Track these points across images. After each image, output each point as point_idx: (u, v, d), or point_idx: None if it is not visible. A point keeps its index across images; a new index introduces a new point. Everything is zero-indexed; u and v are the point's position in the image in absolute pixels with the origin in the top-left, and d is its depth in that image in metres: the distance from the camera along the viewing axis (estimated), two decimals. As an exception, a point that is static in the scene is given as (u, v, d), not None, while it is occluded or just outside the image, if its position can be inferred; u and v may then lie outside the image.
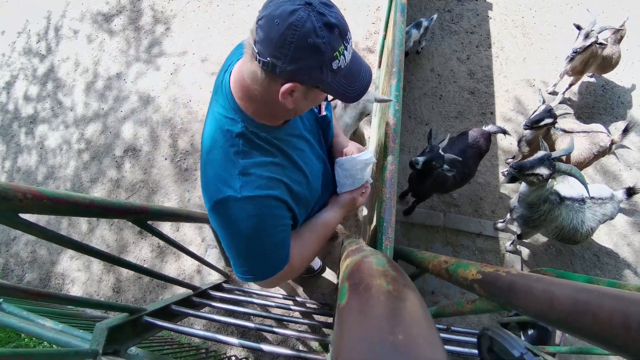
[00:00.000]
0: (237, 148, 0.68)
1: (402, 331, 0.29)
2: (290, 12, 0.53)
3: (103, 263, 2.20)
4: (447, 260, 0.89)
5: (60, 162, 2.64)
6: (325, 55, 0.56)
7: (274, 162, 0.72)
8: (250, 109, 0.68)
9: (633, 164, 2.66)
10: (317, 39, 0.54)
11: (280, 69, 0.57)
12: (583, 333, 0.52)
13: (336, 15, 0.57)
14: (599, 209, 1.85)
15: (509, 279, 0.68)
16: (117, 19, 3.19)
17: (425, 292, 2.11)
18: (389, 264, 0.46)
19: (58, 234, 0.86)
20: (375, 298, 0.35)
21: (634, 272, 2.30)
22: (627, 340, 0.45)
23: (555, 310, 0.56)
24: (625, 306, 0.46)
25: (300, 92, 0.62)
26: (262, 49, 0.56)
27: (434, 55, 3.02)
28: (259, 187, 0.68)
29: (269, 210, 0.70)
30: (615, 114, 2.84)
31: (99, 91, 2.87)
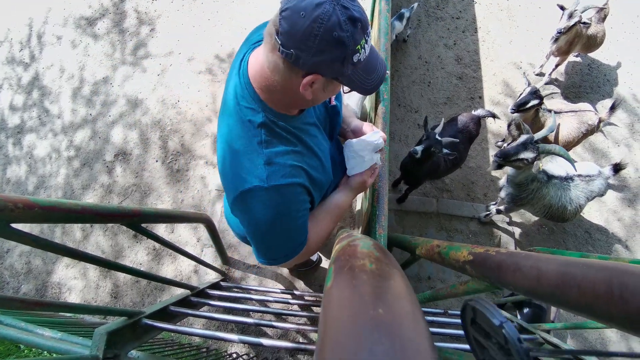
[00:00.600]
0: (259, 138, 0.69)
1: (383, 306, 0.29)
2: (316, 4, 0.54)
3: (99, 269, 2.18)
4: (439, 244, 0.90)
5: (51, 170, 2.61)
6: (349, 48, 0.57)
7: (294, 150, 0.73)
8: (269, 98, 0.69)
9: (621, 140, 2.69)
10: (342, 33, 0.55)
11: (303, 61, 0.58)
12: (570, 305, 0.53)
13: (359, 10, 0.58)
14: (586, 186, 1.87)
15: (498, 258, 0.69)
16: (101, 23, 3.13)
17: (421, 278, 2.14)
18: (374, 246, 0.46)
19: (52, 242, 0.86)
20: (359, 277, 0.35)
21: (625, 247, 2.35)
22: (610, 309, 0.46)
23: (542, 285, 0.57)
24: (608, 275, 0.47)
25: (320, 84, 0.64)
26: (286, 40, 0.57)
27: (421, 42, 3.01)
28: (284, 176, 0.70)
29: (294, 197, 0.72)
30: (601, 92, 2.87)
31: (86, 97, 2.82)
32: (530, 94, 1.98)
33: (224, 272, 1.98)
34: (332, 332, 0.29)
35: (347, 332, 0.28)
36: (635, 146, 2.67)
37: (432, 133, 1.59)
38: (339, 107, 0.98)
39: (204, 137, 2.58)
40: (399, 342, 0.26)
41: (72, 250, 0.94)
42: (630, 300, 0.44)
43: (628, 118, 2.78)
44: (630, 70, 2.97)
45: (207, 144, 2.55)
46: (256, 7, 3.12)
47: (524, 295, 1.02)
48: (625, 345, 2.05)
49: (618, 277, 0.46)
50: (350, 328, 0.28)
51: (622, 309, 0.44)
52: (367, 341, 0.25)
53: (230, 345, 1.82)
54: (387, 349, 0.24)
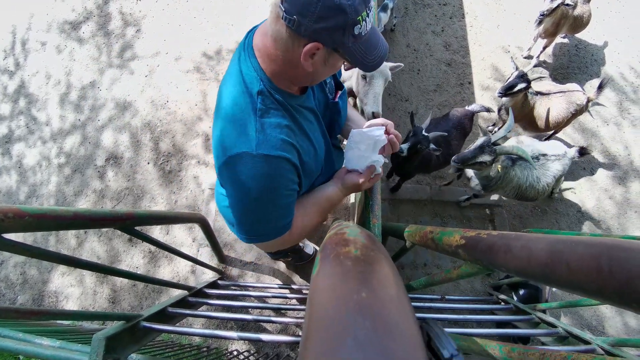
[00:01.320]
0: (255, 105, 0.69)
1: (367, 291, 0.29)
2: None
3: (96, 276, 2.17)
4: (432, 230, 0.90)
5: (41, 179, 2.57)
6: (349, 17, 0.58)
7: (288, 125, 0.72)
8: (270, 70, 0.69)
9: (609, 119, 2.72)
10: (343, 0, 0.56)
11: (305, 27, 0.58)
12: (561, 283, 0.54)
13: None
14: (552, 165, 1.91)
15: (490, 240, 0.69)
16: (85, 26, 3.06)
17: (417, 265, 2.16)
18: (361, 233, 0.46)
19: (46, 251, 0.85)
20: (344, 264, 0.35)
21: (617, 224, 2.39)
22: (600, 284, 0.46)
23: (533, 265, 0.57)
24: (596, 251, 0.48)
25: (321, 55, 0.64)
26: (289, 6, 0.57)
27: (409, 30, 2.99)
28: (275, 147, 0.68)
29: (281, 171, 0.71)
30: (589, 72, 2.89)
31: (73, 102, 2.78)
32: (517, 78, 1.98)
33: (221, 270, 1.98)
34: (318, 318, 0.29)
35: (332, 317, 0.27)
36: (624, 124, 2.69)
37: (419, 128, 1.56)
38: (341, 106, 0.96)
39: (194, 136, 2.55)
40: (382, 324, 0.26)
41: (66, 257, 0.93)
42: (619, 275, 0.44)
43: (616, 97, 2.80)
44: (617, 49, 2.98)
45: (198, 143, 2.52)
46: (242, 3, 3.07)
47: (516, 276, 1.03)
48: (620, 320, 2.09)
49: (606, 252, 0.46)
50: (334, 314, 0.28)
51: (611, 283, 0.44)
52: (351, 325, 0.25)
53: (230, 343, 1.82)
54: (370, 332, 0.24)
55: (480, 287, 2.13)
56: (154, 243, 1.24)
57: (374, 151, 0.87)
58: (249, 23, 2.95)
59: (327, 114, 0.93)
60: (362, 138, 0.88)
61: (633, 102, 2.77)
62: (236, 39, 2.90)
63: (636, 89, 2.82)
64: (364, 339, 0.24)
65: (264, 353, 1.68)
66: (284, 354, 1.72)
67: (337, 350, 0.24)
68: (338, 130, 1.03)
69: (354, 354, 0.23)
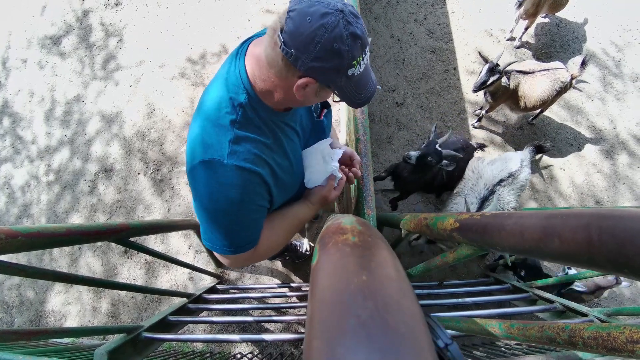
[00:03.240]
0: (235, 117, 0.68)
1: (366, 273, 0.30)
2: (323, 14, 0.56)
3: (93, 291, 2.14)
4: (426, 217, 0.90)
5: (31, 198, 2.52)
6: (345, 61, 0.59)
7: (265, 143, 0.72)
8: (259, 87, 0.69)
9: (594, 94, 2.75)
10: (342, 46, 0.57)
11: (301, 63, 0.59)
12: (554, 256, 0.54)
13: (362, 28, 0.60)
14: (511, 187, 1.66)
15: (483, 221, 0.70)
16: (66, 40, 3.00)
17: (414, 253, 2.17)
18: (357, 221, 0.46)
19: (40, 269, 0.84)
20: (343, 250, 0.35)
21: (607, 197, 2.42)
22: (591, 253, 0.46)
23: (526, 240, 0.58)
24: (585, 222, 0.48)
25: (313, 88, 0.65)
26: (288, 39, 0.58)
27: (392, 20, 2.98)
28: (246, 160, 0.68)
29: (250, 185, 0.70)
30: (572, 49, 2.91)
31: (59, 118, 2.73)
32: (487, 72, 2.02)
33: (219, 275, 1.97)
34: (321, 304, 0.29)
35: (335, 301, 0.28)
36: (609, 98, 2.73)
37: (434, 142, 1.50)
38: (325, 124, 0.96)
39: (183, 143, 2.52)
40: (382, 302, 0.26)
41: (62, 274, 0.93)
42: (608, 243, 0.44)
43: (599, 72, 2.83)
44: (598, 25, 3.01)
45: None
46: (223, 5, 3.03)
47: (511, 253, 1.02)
48: (615, 291, 2.13)
49: (595, 221, 0.47)
50: (337, 297, 0.28)
51: (602, 252, 0.45)
52: (353, 308, 0.26)
53: (233, 346, 1.82)
54: (372, 311, 0.25)
55: (477, 270, 2.15)
56: (150, 253, 1.23)
57: (326, 162, 0.89)
58: (232, 25, 2.92)
59: (312, 131, 0.93)
60: (309, 155, 0.90)
61: (616, 76, 2.80)
62: (220, 42, 2.87)
63: (618, 63, 2.86)
64: (367, 318, 0.25)
65: (267, 353, 1.68)
66: (287, 352, 1.73)
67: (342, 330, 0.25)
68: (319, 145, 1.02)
69: (358, 333, 0.24)
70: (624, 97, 2.73)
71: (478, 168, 1.73)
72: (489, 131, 2.63)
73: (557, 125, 2.66)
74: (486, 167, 1.71)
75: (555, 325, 0.52)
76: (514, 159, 1.71)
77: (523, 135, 2.63)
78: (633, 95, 2.73)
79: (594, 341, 0.46)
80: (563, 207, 2.07)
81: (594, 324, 0.48)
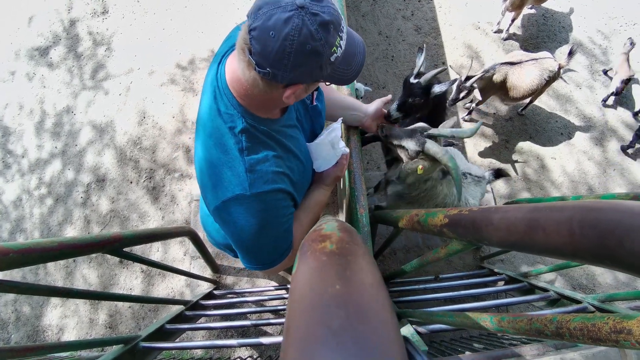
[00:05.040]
0: (241, 145, 0.68)
1: (340, 282, 0.30)
2: (285, 20, 0.52)
3: (90, 303, 2.13)
4: (417, 213, 0.91)
5: (23, 213, 2.50)
6: (324, 55, 0.57)
7: (275, 155, 0.73)
8: (249, 104, 0.68)
9: (582, 82, 2.77)
10: (315, 43, 0.54)
11: (281, 77, 0.58)
12: (540, 249, 0.55)
13: (329, 10, 0.55)
14: (476, 188, 1.61)
15: (471, 216, 0.70)
16: (54, 50, 2.96)
17: (409, 248, 2.19)
18: (338, 227, 0.46)
19: (34, 285, 0.84)
20: (319, 259, 0.35)
21: (598, 184, 2.45)
22: (574, 246, 0.47)
23: (512, 234, 0.58)
24: (568, 215, 0.48)
25: (302, 89, 0.64)
26: (260, 60, 0.56)
27: (379, 18, 2.99)
28: (267, 182, 0.69)
29: (276, 203, 0.72)
30: (558, 39, 2.93)
31: (49, 130, 2.70)
32: (457, 90, 2.10)
33: (215, 280, 1.97)
34: (296, 314, 0.30)
35: (309, 311, 0.28)
36: (596, 86, 2.76)
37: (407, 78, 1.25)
38: (320, 108, 0.97)
39: (175, 149, 2.51)
40: (355, 311, 0.27)
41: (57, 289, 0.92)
42: (590, 235, 0.44)
43: (587, 60, 2.86)
44: (583, 14, 3.04)
45: (179, 155, 2.49)
46: (210, 9, 3.01)
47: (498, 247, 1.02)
48: (609, 276, 2.16)
49: (578, 214, 0.47)
50: (311, 307, 0.29)
51: (584, 244, 0.45)
52: (325, 317, 0.26)
53: (232, 351, 1.81)
54: (344, 320, 0.25)
55: (472, 261, 2.17)
56: (145, 262, 1.23)
57: (335, 148, 0.92)
58: (219, 29, 2.90)
59: (308, 118, 0.94)
60: (319, 147, 0.93)
61: (603, 64, 2.83)
62: (208, 47, 2.85)
63: (605, 51, 2.89)
64: (338, 327, 0.25)
65: (267, 356, 1.68)
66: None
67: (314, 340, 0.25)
68: (318, 130, 1.03)
69: (330, 341, 0.24)
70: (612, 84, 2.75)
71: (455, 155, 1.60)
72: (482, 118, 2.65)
73: (547, 114, 2.68)
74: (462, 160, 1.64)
75: (543, 317, 0.53)
76: (480, 170, 1.65)
77: (513, 127, 2.64)
78: (620, 82, 2.76)
79: (580, 332, 0.46)
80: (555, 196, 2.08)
81: (580, 315, 0.48)
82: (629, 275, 2.15)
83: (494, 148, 2.58)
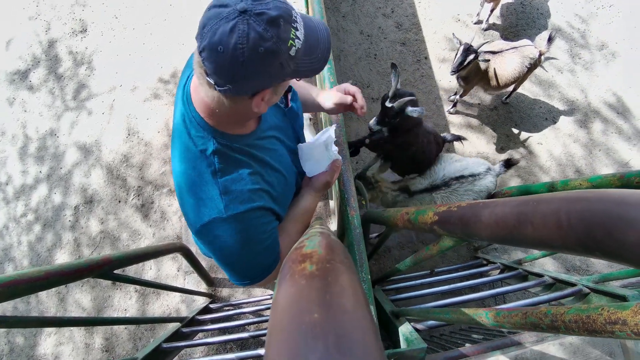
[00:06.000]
0: (213, 167, 0.66)
1: (319, 309, 0.28)
2: (230, 30, 0.50)
3: (84, 328, 2.08)
4: (407, 212, 0.90)
5: (11, 242, 2.43)
6: (281, 53, 0.54)
7: (251, 172, 0.70)
8: (219, 123, 0.66)
9: (563, 67, 2.81)
10: (267, 43, 0.51)
11: (243, 89, 0.56)
12: (529, 243, 0.54)
13: (275, 4, 0.53)
14: (468, 187, 1.62)
15: (460, 212, 0.69)
16: (34, 73, 2.89)
17: (404, 245, 2.19)
18: (320, 242, 0.44)
19: (22, 318, 0.82)
20: (298, 283, 0.34)
21: (585, 165, 2.48)
22: (562, 238, 0.46)
23: (502, 229, 0.58)
24: (555, 207, 0.48)
25: (270, 93, 0.62)
26: (217, 78, 0.54)
27: (360, 17, 2.99)
28: (243, 202, 0.68)
29: (255, 221, 0.70)
30: (537, 25, 2.97)
31: (33, 155, 2.63)
32: (464, 52, 2.03)
33: (210, 294, 1.94)
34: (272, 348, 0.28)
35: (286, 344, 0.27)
36: (578, 69, 2.79)
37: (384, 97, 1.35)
38: (296, 108, 0.94)
39: (162, 164, 2.47)
40: (334, 342, 0.25)
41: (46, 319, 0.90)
42: (578, 226, 0.44)
43: (566, 44, 2.89)
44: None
45: (166, 171, 2.45)
46: (189, 20, 2.98)
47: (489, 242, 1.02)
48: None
49: (564, 206, 0.46)
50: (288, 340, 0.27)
51: (572, 235, 0.44)
52: (302, 352, 0.24)
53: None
54: (322, 353, 0.24)
55: (467, 252, 2.17)
56: (137, 282, 1.20)
57: (328, 150, 0.89)
58: (197, 38, 2.87)
59: (287, 122, 0.91)
60: (311, 150, 0.90)
61: (582, 47, 2.87)
62: (188, 58, 2.82)
63: (583, 34, 2.93)
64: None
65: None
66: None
67: None
68: (300, 131, 1.00)
69: None
70: (592, 66, 2.79)
71: (445, 162, 1.71)
72: (465, 115, 2.66)
73: (531, 101, 2.71)
74: (453, 162, 1.70)
75: (538, 311, 0.52)
76: (481, 164, 1.68)
77: (499, 115, 2.66)
78: (600, 63, 2.80)
79: (575, 324, 0.46)
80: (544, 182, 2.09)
81: (574, 307, 0.47)
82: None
83: (480, 138, 2.59)
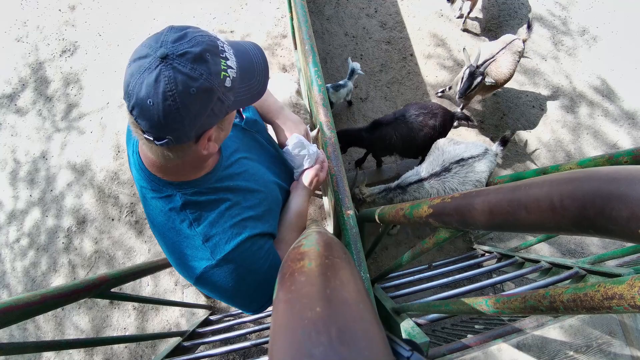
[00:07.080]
0: (188, 220, 0.65)
1: (320, 304, 0.28)
2: (155, 81, 0.47)
3: (84, 349, 2.04)
4: (402, 207, 0.89)
5: (5, 268, 2.38)
6: (215, 87, 0.51)
7: (228, 205, 0.69)
8: (177, 176, 0.64)
9: (547, 54, 2.85)
10: (198, 82, 0.49)
11: (185, 136, 0.52)
12: (524, 227, 0.54)
13: (197, 40, 0.50)
14: (471, 169, 1.65)
15: (454, 203, 0.69)
16: (22, 95, 2.86)
17: (400, 242, 2.20)
18: (317, 241, 0.44)
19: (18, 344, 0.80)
20: (297, 281, 0.34)
21: (574, 149, 2.51)
22: (556, 220, 0.46)
23: (496, 216, 0.57)
24: (547, 190, 0.48)
25: (216, 131, 0.59)
26: (155, 133, 0.50)
27: (344, 19, 3.01)
28: (228, 241, 0.66)
29: (247, 253, 0.69)
30: (519, 16, 3.01)
31: (24, 179, 2.59)
32: (469, 77, 2.00)
33: (210, 305, 1.92)
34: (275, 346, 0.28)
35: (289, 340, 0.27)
36: (561, 56, 2.84)
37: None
38: (251, 116, 0.89)
39: (155, 178, 2.45)
40: (337, 335, 0.25)
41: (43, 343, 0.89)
42: (570, 207, 0.44)
43: (548, 32, 2.94)
44: (540, -12, 3.13)
45: (161, 184, 2.42)
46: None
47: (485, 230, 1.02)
48: (598, 240, 2.19)
49: (556, 188, 0.46)
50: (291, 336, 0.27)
51: (565, 216, 0.44)
52: (306, 347, 0.25)
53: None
54: (326, 347, 0.24)
55: (463, 244, 2.18)
56: (136, 299, 1.19)
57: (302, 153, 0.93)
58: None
59: (248, 136, 0.86)
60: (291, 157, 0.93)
61: (564, 34, 2.92)
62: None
63: (565, 21, 2.98)
64: (321, 355, 0.23)
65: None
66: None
67: None
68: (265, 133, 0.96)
69: None
70: (575, 51, 2.84)
71: (444, 147, 1.75)
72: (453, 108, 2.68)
73: (517, 90, 2.74)
74: (452, 146, 1.73)
75: (537, 293, 0.52)
76: (479, 146, 1.72)
77: (486, 107, 2.69)
78: (582, 48, 2.85)
79: (573, 303, 0.46)
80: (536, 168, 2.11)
81: (571, 286, 0.47)
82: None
83: (470, 130, 2.61)
